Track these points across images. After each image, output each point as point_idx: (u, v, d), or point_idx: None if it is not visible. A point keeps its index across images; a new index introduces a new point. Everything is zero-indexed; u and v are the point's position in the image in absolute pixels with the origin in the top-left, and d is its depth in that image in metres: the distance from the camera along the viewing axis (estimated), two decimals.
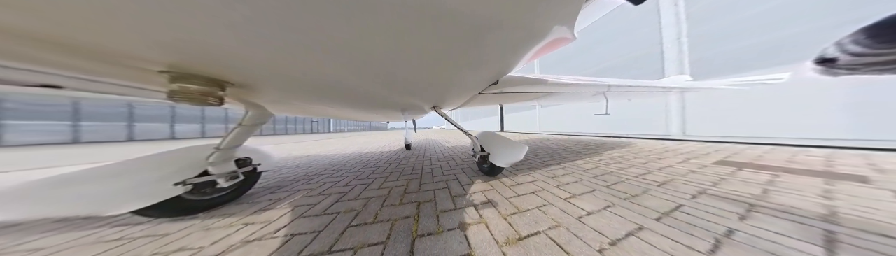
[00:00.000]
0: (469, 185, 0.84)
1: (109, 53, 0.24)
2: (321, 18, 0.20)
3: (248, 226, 0.50)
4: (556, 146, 2.33)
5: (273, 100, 0.59)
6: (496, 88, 0.87)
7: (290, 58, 0.28)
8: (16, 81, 0.45)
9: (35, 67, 0.32)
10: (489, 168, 0.94)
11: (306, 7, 0.18)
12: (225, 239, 0.44)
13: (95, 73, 0.34)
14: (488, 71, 0.55)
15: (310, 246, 0.41)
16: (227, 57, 0.27)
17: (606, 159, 1.36)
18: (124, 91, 0.50)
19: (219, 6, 0.17)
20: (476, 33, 0.30)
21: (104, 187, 0.45)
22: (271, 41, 0.23)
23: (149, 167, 0.52)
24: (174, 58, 0.26)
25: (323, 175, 1.11)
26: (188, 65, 0.29)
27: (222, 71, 0.32)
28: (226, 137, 0.60)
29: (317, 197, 0.73)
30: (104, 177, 0.46)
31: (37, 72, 0.35)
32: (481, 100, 1.20)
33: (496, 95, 1.04)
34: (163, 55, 0.25)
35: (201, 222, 0.52)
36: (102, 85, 0.44)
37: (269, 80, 0.38)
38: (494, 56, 0.42)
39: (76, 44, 0.22)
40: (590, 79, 1.08)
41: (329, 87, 0.45)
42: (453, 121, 1.06)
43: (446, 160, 1.53)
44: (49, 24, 0.18)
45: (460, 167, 1.25)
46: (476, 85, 0.71)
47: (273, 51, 0.26)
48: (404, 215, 0.57)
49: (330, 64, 0.31)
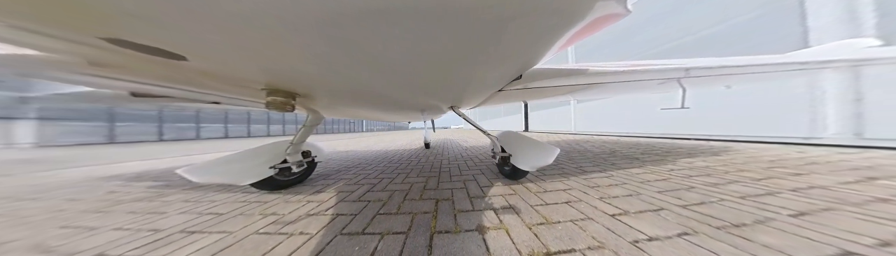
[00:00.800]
0: (488, 188, 0.79)
1: (246, 81, 0.43)
2: (359, 41, 0.27)
3: (310, 203, 0.67)
4: (600, 149, 1.93)
5: (324, 106, 0.77)
6: (519, 84, 0.79)
7: (337, 74, 0.39)
8: (204, 101, 0.81)
9: (217, 93, 0.59)
10: (511, 171, 0.87)
11: (352, 36, 0.26)
12: (296, 211, 0.61)
13: (236, 93, 0.59)
14: (510, 66, 0.51)
15: (348, 226, 0.52)
16: (298, 77, 0.41)
17: (683, 169, 1.01)
18: (244, 103, 0.83)
19: (298, 50, 0.29)
20: (497, 26, 0.27)
21: (240, 166, 0.71)
22: (326, 63, 0.34)
23: (259, 155, 0.77)
24: (270, 80, 0.42)
25: (357, 167, 1.30)
26: (276, 84, 0.45)
27: (294, 86, 0.47)
28: (296, 135, 0.83)
29: (354, 185, 0.88)
30: (239, 160, 0.73)
31: (214, 95, 0.63)
32: (502, 98, 1.11)
33: (519, 91, 0.94)
34: (266, 79, 0.42)
35: (283, 196, 0.74)
36: (236, 100, 0.74)
37: (322, 91, 0.52)
38: (518, 49, 0.38)
39: (238, 79, 0.42)
40: (654, 63, 0.83)
41: (363, 93, 0.59)
42: (471, 120, 1.02)
43: (464, 160, 1.49)
44: (235, 71, 0.36)
45: (479, 168, 1.20)
46: (496, 82, 0.66)
47: (326, 70, 0.37)
48: (423, 210, 0.59)
49: (364, 74, 0.41)
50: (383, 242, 0.44)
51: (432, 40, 0.29)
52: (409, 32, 0.26)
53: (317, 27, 0.22)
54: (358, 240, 0.44)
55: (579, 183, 0.83)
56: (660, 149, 1.75)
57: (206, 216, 0.57)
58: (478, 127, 1.00)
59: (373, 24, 0.23)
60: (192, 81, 0.46)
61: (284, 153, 0.80)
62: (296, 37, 0.23)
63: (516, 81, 0.75)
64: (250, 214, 0.58)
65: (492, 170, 1.11)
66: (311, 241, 0.43)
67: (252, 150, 0.78)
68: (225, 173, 0.67)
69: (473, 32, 0.28)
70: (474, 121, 1.02)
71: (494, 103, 1.44)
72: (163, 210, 0.63)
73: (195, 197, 0.74)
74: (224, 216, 0.57)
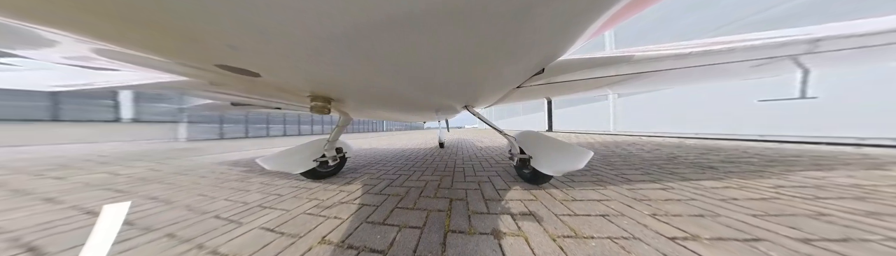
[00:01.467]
0: (505, 191, 0.75)
1: (296, 90, 0.54)
2: (379, 49, 0.30)
3: (342, 192, 0.78)
4: (652, 154, 1.57)
5: (352, 109, 0.88)
6: (541, 79, 0.70)
7: (360, 80, 0.45)
8: (271, 107, 1.04)
9: (278, 100, 0.74)
10: (531, 174, 0.81)
11: (373, 46, 0.29)
12: (332, 198, 0.73)
13: (290, 100, 0.71)
14: (530, 60, 0.46)
15: (371, 216, 0.58)
16: (331, 84, 0.49)
17: (804, 187, 0.70)
18: (295, 108, 0.99)
19: (330, 63, 0.34)
20: (513, 17, 0.24)
21: (293, 159, 0.88)
22: (351, 72, 0.39)
23: (305, 150, 0.95)
24: (313, 88, 0.52)
25: (379, 164, 1.40)
26: (317, 91, 0.56)
27: (329, 92, 0.57)
28: (332, 134, 0.99)
29: (376, 180, 0.96)
30: (292, 154, 0.91)
31: (276, 102, 0.79)
32: (521, 95, 1.01)
33: (542, 87, 0.83)
34: (310, 87, 0.51)
35: (323, 185, 0.89)
36: (291, 106, 0.88)
37: (350, 95, 0.61)
38: (539, 40, 0.34)
39: (291, 88, 0.51)
40: (748, 37, 0.54)
41: (382, 96, 0.63)
42: (486, 119, 0.97)
43: (478, 160, 1.45)
44: (289, 82, 0.46)
45: (494, 169, 1.14)
46: (514, 78, 0.61)
47: (351, 77, 0.42)
48: (437, 208, 0.60)
49: (383, 78, 0.45)
50: (401, 234, 0.47)
51: (445, 39, 0.28)
52: (423, 34, 0.26)
53: (345, 42, 0.27)
54: (379, 229, 0.49)
55: (621, 194, 0.69)
56: (754, 156, 1.24)
57: (272, 196, 0.76)
58: (493, 126, 0.95)
59: (391, 33, 0.25)
60: (263, 92, 0.62)
61: (323, 149, 0.97)
62: (329, 53, 0.30)
63: (538, 76, 0.67)
64: (300, 197, 0.73)
65: (509, 173, 1.05)
66: (343, 225, 0.51)
67: (300, 146, 0.96)
68: (284, 163, 0.85)
69: (488, 27, 0.26)
70: (490, 121, 0.95)
71: (512, 101, 1.32)
72: (248, 188, 0.87)
73: (266, 181, 0.97)
74: (283, 197, 0.75)
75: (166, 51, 0.29)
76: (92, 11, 0.18)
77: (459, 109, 1.12)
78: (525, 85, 0.77)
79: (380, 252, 0.40)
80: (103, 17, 0.19)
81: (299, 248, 0.41)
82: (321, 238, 0.45)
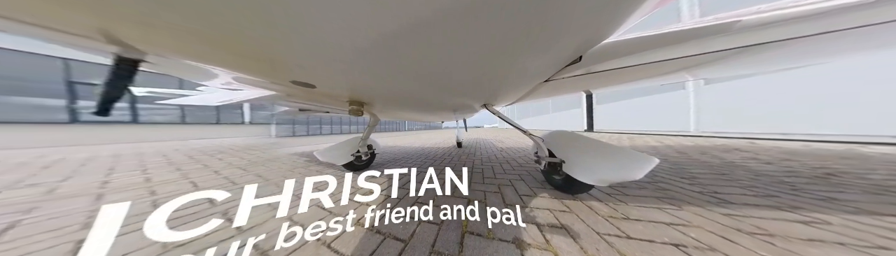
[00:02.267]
0: (530, 197, 0.66)
1: (340, 96, 0.66)
2: (406, 56, 0.33)
3: (374, 181, 0.95)
4: (777, 167, 1.02)
5: (379, 111, 1.03)
6: (578, 68, 0.56)
7: (387, 84, 0.51)
8: (322, 111, 1.28)
9: (327, 106, 0.91)
10: (564, 181, 0.68)
11: (401, 56, 0.33)
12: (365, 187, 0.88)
13: (335, 105, 0.86)
14: (562, 48, 0.38)
15: (396, 207, 0.64)
16: (367, 91, 0.59)
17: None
18: (336, 111, 1.21)
19: (361, 73, 0.41)
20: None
21: (337, 153, 1.08)
22: (382, 79, 0.46)
23: (345, 146, 1.14)
24: (351, 94, 0.64)
25: (402, 160, 1.53)
26: (353, 97, 0.67)
27: (362, 97, 0.68)
28: (364, 133, 1.16)
29: (401, 174, 1.12)
30: (336, 149, 1.11)
31: (326, 107, 0.99)
32: (552, 90, 0.86)
33: (579, 79, 0.66)
34: (349, 94, 0.64)
35: (357, 176, 1.11)
36: (335, 109, 1.08)
37: (379, 99, 0.70)
38: (573, 23, 0.27)
39: (336, 95, 0.64)
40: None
41: (404, 98, 0.71)
42: (508, 118, 0.85)
43: (498, 162, 1.34)
44: (335, 91, 0.58)
45: (516, 172, 1.04)
46: (541, 71, 0.53)
47: (381, 83, 0.49)
48: (456, 208, 0.59)
49: (406, 81, 0.48)
50: (421, 227, 0.50)
51: (461, 36, 0.27)
52: (438, 34, 0.26)
53: (373, 54, 0.31)
54: (401, 221, 0.53)
55: (711, 219, 0.47)
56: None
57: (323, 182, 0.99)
58: (516, 125, 0.84)
59: (410, 38, 0.26)
60: (317, 100, 0.78)
61: (357, 145, 1.14)
62: (361, 64, 0.36)
63: (572, 66, 0.55)
64: (343, 184, 0.93)
65: (535, 178, 0.93)
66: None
67: (341, 143, 1.16)
68: (330, 156, 1.05)
69: (509, 15, 0.22)
70: (511, 120, 0.85)
71: (538, 97, 1.16)
72: (308, 175, 1.15)
73: (320, 170, 1.22)
74: (331, 183, 0.97)
75: (265, 74, 0.44)
76: (238, 54, 0.32)
77: (478, 108, 1.08)
78: (556, 77, 0.65)
79: (402, 241, 0.44)
80: (239, 57, 0.33)
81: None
82: (357, 221, 0.53)
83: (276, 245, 0.36)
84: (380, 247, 0.42)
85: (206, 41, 0.26)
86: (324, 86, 0.51)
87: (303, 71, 0.39)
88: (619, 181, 0.51)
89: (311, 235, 0.40)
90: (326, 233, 0.41)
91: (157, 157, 1.74)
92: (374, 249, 0.41)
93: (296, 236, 0.38)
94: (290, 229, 0.39)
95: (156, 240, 0.28)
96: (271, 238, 0.37)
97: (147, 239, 0.28)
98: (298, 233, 0.39)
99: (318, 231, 0.41)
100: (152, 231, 0.28)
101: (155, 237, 0.28)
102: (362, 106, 0.77)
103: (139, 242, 0.39)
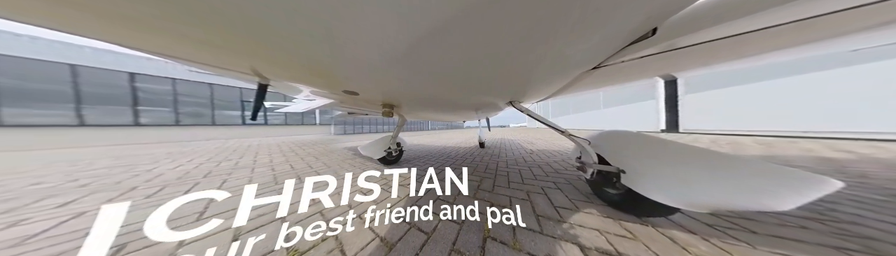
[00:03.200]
0: (569, 211, 0.55)
1: (377, 101, 0.81)
2: (431, 60, 0.37)
3: (401, 175, 1.11)
4: None
5: (406, 112, 1.18)
6: (648, 47, 0.39)
7: (415, 88, 0.58)
8: (363, 113, 1.74)
9: (367, 109, 1.13)
10: (624, 198, 0.52)
11: (427, 61, 0.37)
12: (394, 181, 1.03)
13: (371, 108, 1.03)
14: (628, 19, 0.28)
15: (418, 201, 0.72)
16: (396, 95, 0.70)
17: None
18: (373, 113, 1.43)
19: (394, 80, 0.49)
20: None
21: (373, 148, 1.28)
22: (409, 83, 0.52)
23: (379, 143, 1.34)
24: (384, 98, 0.77)
25: (424, 158, 1.68)
26: (386, 100, 0.80)
27: (391, 100, 0.81)
28: (394, 132, 1.39)
29: (422, 171, 1.23)
30: (373, 145, 1.32)
31: (366, 110, 1.21)
32: (601, 79, 0.65)
33: (646, 62, 0.46)
34: (382, 98, 0.76)
35: (389, 168, 1.33)
36: (372, 112, 1.30)
37: (406, 101, 0.80)
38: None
39: (374, 100, 0.80)
40: None
41: (428, 99, 0.80)
42: (540, 117, 0.75)
43: (527, 166, 1.24)
44: (373, 96, 0.73)
45: (550, 180, 0.91)
46: (587, 56, 0.40)
47: (409, 86, 0.56)
48: (478, 210, 0.58)
49: (431, 83, 0.53)
50: (442, 224, 0.52)
51: (492, 20, 0.23)
52: (466, 26, 0.24)
53: (402, 63, 0.36)
54: (425, 214, 0.58)
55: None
56: None
57: (368, 164, 1.25)
58: (550, 124, 0.71)
59: (434, 41, 0.27)
60: (359, 104, 0.95)
61: (389, 143, 1.33)
62: (393, 72, 0.42)
63: (640, 44, 0.39)
64: (377, 175, 1.14)
65: (579, 189, 0.75)
66: (401, 202, 0.67)
67: (376, 140, 1.37)
68: (370, 152, 1.26)
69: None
70: (544, 118, 0.75)
71: (578, 90, 0.88)
72: (354, 165, 1.44)
73: (362, 162, 1.49)
74: (368, 167, 1.24)
75: (327, 86, 0.59)
76: (313, 74, 0.45)
77: (502, 106, 1.02)
78: (610, 62, 0.48)
79: (425, 233, 0.47)
80: (313, 76, 0.47)
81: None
82: (387, 208, 0.62)
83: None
84: (407, 235, 0.48)
85: (303, 71, 0.44)
86: (364, 93, 0.64)
87: (349, 81, 0.51)
88: (739, 209, 0.32)
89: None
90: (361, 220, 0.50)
91: (274, 147, 2.77)
92: (401, 236, 0.47)
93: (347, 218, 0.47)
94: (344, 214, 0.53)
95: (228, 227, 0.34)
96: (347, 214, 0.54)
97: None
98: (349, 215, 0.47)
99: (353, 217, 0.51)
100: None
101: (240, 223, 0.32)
102: (393, 108, 0.91)
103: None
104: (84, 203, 0.70)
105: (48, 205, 0.67)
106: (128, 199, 0.76)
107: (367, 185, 0.51)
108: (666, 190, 0.41)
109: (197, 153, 2.11)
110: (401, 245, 0.42)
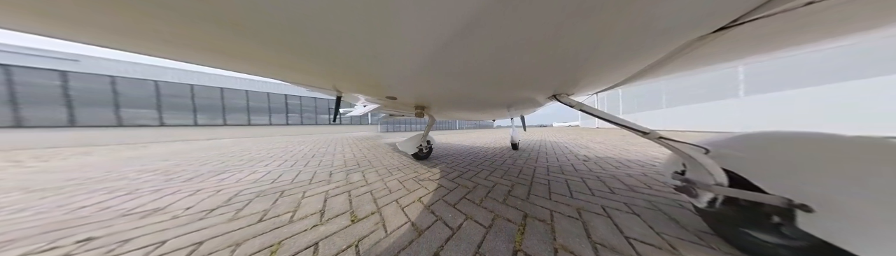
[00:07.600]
0: (650, 249, 0.36)
1: (410, 103, 0.91)
2: (463, 61, 0.38)
3: (430, 172, 1.13)
4: None
5: (435, 112, 1.28)
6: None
7: (445, 92, 0.64)
8: (400, 115, 1.97)
9: (402, 111, 1.32)
10: (798, 253, 0.28)
11: (459, 63, 0.38)
12: (425, 174, 1.08)
13: (406, 109, 1.19)
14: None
15: (446, 197, 0.73)
16: (427, 98, 0.76)
17: None
18: (408, 115, 1.64)
19: (429, 85, 0.55)
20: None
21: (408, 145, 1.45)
22: (441, 86, 0.57)
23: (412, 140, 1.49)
24: (416, 101, 0.85)
25: (453, 156, 1.69)
26: (418, 102, 0.89)
27: (423, 102, 0.89)
28: (425, 131, 1.51)
29: (450, 168, 1.20)
30: (408, 142, 1.48)
31: (401, 111, 1.40)
32: (736, 49, 0.33)
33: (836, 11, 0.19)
34: (415, 101, 0.85)
35: (421, 163, 1.40)
36: (407, 113, 1.47)
37: (435, 102, 0.87)
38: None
39: (408, 103, 0.91)
40: None
41: (456, 98, 0.78)
42: (602, 113, 0.51)
43: (581, 177, 0.93)
44: (408, 100, 0.82)
45: (617, 199, 0.64)
46: (705, 8, 0.20)
47: (440, 90, 0.62)
48: (506, 217, 0.53)
49: (458, 84, 0.55)
50: (467, 222, 0.51)
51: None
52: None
53: (433, 69, 0.41)
54: (451, 210, 0.59)
55: None
56: None
57: (401, 164, 1.37)
58: (623, 123, 0.47)
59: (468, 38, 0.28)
60: (398, 107, 1.09)
61: (420, 140, 1.48)
62: (425, 78, 0.48)
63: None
64: (410, 168, 1.24)
65: (676, 219, 0.49)
66: (428, 195, 0.71)
67: (410, 138, 1.52)
68: (405, 147, 1.41)
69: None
70: (611, 115, 0.50)
71: (669, 74, 0.56)
72: (393, 155, 1.70)
73: (398, 156, 1.75)
74: (405, 164, 1.36)
75: (375, 94, 0.72)
76: (366, 86, 0.58)
77: (542, 101, 0.81)
78: (749, 18, 0.23)
79: (450, 229, 0.48)
80: (366, 87, 0.60)
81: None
82: (418, 199, 0.70)
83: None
84: (433, 226, 0.51)
85: (360, 84, 0.57)
86: (401, 98, 0.75)
87: (390, 89, 0.61)
88: None
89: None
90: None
91: (340, 140, 3.82)
92: (429, 226, 0.51)
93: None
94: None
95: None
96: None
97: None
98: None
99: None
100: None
101: None
102: (424, 109, 1.03)
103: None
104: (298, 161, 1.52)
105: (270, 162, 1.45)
106: (304, 161, 1.52)
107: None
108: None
109: (310, 142, 3.38)
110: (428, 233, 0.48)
